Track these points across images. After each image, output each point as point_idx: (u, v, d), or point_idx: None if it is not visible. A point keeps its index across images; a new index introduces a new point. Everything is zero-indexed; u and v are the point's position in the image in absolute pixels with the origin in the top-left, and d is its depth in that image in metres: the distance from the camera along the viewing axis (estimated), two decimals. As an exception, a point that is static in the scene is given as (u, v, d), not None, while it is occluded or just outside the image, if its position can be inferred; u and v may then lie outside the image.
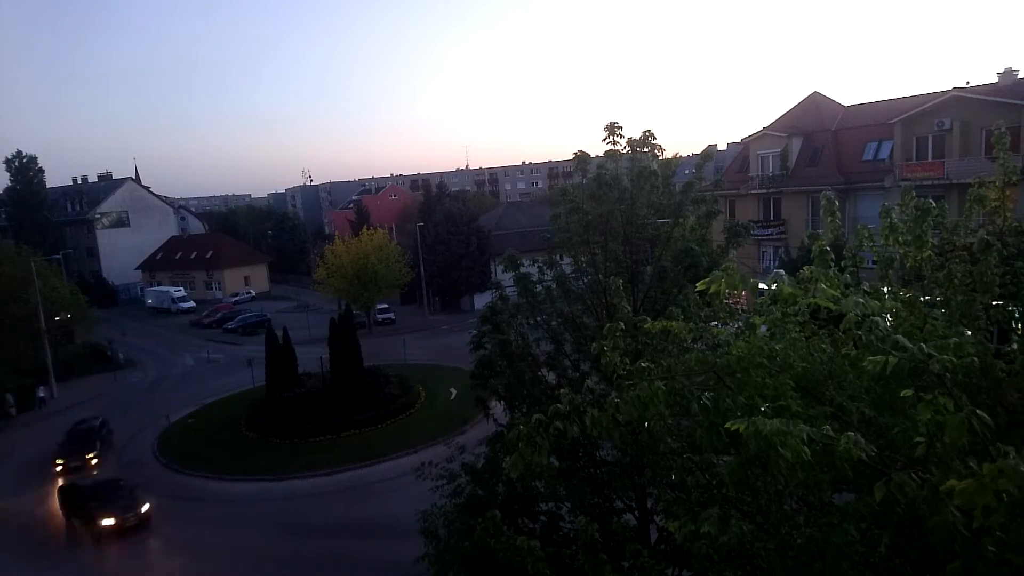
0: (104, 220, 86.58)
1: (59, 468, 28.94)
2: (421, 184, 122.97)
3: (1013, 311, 7.08)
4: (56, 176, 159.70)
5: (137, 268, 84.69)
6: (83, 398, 40.71)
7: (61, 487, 25.86)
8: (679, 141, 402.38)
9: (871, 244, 6.93)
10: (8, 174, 78.35)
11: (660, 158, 13.25)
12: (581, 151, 12.88)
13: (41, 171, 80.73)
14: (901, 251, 6.59)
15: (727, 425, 4.00)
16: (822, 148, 39.56)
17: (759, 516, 4.98)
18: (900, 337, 3.54)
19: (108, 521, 22.95)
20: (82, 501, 23.84)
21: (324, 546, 21.56)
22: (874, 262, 6.97)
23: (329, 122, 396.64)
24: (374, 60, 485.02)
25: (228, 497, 26.27)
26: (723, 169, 45.70)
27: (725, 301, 7.29)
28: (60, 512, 24.92)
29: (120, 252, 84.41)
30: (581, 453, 10.85)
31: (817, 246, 5.50)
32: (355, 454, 28.39)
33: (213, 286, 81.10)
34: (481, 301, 44.13)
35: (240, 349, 50.50)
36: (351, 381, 32.47)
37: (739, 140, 51.93)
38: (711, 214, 13.51)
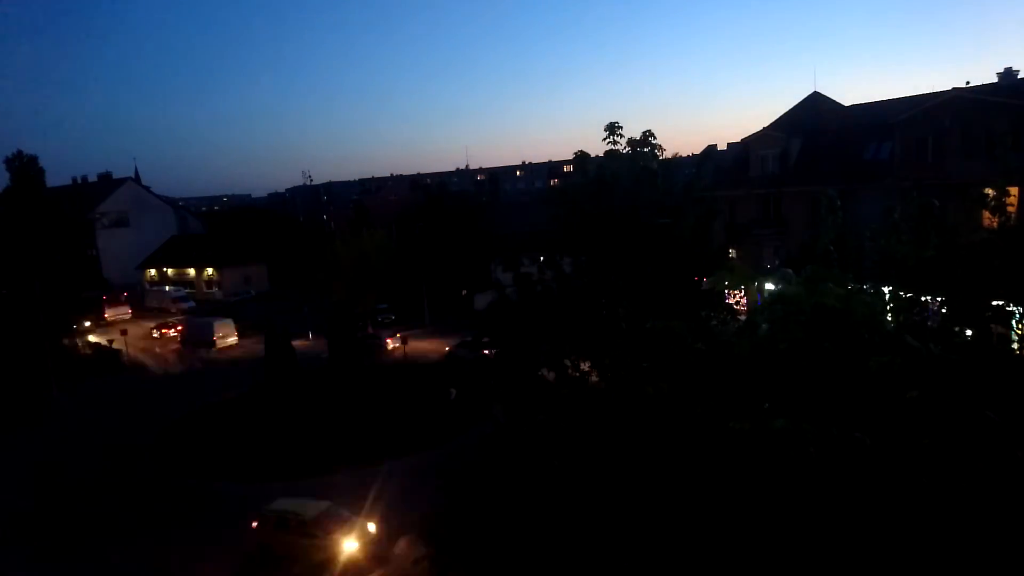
0: (104, 220, 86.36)
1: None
2: (421, 184, 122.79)
3: (1014, 311, 7.07)
4: (56, 176, 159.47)
5: (137, 268, 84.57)
6: (84, 398, 40.65)
7: None
8: (679, 141, 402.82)
9: (872, 244, 6.92)
10: (8, 174, 78.25)
11: (660, 158, 13.23)
12: (581, 151, 12.89)
13: (41, 171, 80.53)
14: (903, 251, 6.58)
15: (730, 423, 3.99)
16: (822, 148, 39.55)
17: None
18: (907, 336, 3.54)
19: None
20: None
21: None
22: (875, 262, 6.96)
23: (329, 122, 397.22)
24: (374, 60, 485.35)
25: (228, 497, 26.21)
26: (723, 169, 45.66)
27: (726, 300, 7.29)
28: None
29: (120, 252, 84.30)
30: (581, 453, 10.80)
31: (820, 246, 5.50)
32: (355, 454, 28.36)
33: (213, 286, 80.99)
34: (481, 301, 44.08)
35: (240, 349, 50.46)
36: (351, 381, 32.49)
37: (739, 140, 51.95)
38: (711, 214, 13.51)
